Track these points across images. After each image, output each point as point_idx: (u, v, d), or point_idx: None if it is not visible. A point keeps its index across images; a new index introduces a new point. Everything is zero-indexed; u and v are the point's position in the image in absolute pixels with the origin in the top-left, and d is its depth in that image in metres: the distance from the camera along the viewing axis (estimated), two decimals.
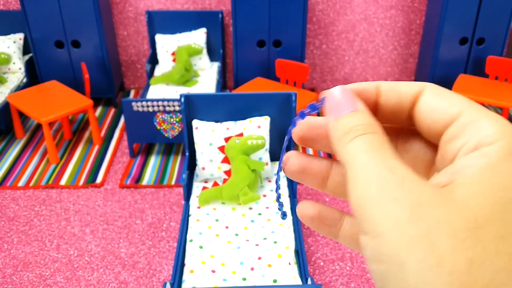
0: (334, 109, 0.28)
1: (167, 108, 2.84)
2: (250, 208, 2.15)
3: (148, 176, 2.90)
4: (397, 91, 0.28)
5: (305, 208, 0.31)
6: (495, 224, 0.21)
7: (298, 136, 0.31)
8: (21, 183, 2.85)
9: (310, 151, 2.77)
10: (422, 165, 0.29)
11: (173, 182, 2.85)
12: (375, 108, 0.29)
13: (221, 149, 2.19)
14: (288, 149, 0.32)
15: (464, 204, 0.21)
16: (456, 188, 0.22)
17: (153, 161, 3.04)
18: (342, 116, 0.27)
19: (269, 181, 2.32)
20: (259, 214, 2.12)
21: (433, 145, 0.29)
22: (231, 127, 2.24)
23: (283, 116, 2.33)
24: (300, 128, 0.31)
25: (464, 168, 0.23)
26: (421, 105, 0.27)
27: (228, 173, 2.19)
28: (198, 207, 2.17)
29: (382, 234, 0.21)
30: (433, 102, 0.26)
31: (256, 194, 2.12)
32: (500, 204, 0.21)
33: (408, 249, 0.21)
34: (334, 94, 0.28)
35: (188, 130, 2.33)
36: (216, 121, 2.30)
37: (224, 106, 2.31)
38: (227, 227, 2.04)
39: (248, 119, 2.28)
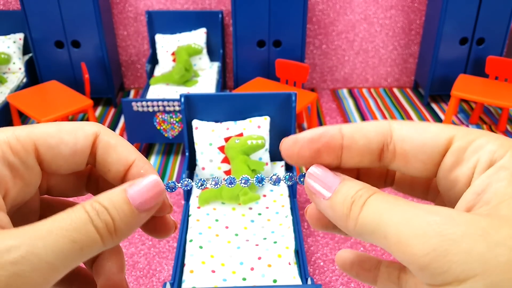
0: (321, 189, 0.26)
1: (167, 108, 2.84)
2: (250, 208, 2.15)
3: None
4: (363, 134, 0.26)
5: (345, 255, 0.31)
6: None
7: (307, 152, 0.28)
8: None
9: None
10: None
11: None
12: (339, 151, 0.27)
13: (221, 149, 2.19)
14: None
15: None
16: (497, 208, 0.22)
17: (153, 161, 3.04)
18: (335, 191, 0.25)
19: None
20: (259, 214, 2.12)
21: (403, 181, 0.29)
22: (231, 127, 2.24)
23: (283, 116, 2.33)
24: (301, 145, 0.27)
25: (489, 185, 0.23)
26: (401, 141, 0.26)
27: (228, 173, 2.19)
28: (198, 207, 2.17)
29: (472, 276, 0.20)
30: (416, 135, 0.25)
31: (256, 194, 2.12)
32: None
33: (508, 278, 0.20)
34: (313, 176, 0.27)
35: (188, 130, 2.33)
36: (216, 121, 2.30)
37: (224, 106, 2.31)
38: (227, 227, 2.04)
39: (248, 119, 2.28)
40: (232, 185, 0.31)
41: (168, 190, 0.29)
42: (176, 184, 0.30)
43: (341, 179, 0.26)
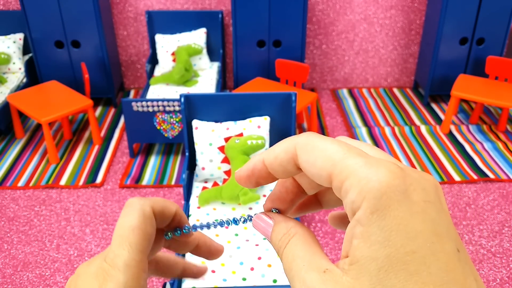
0: (263, 233, 0.33)
1: (167, 108, 2.84)
2: (250, 208, 2.15)
3: (148, 176, 2.90)
4: (278, 163, 0.30)
5: (332, 218, 0.36)
6: None
7: (245, 180, 0.33)
8: (21, 183, 2.85)
9: None
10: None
11: (173, 182, 2.85)
12: (271, 176, 0.32)
13: (221, 149, 2.19)
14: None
15: None
16: (348, 271, 0.25)
17: (153, 161, 3.04)
18: (270, 238, 0.32)
19: None
20: None
21: None
22: (231, 127, 2.24)
23: (283, 116, 2.33)
24: (244, 175, 0.33)
25: (352, 238, 0.25)
26: (303, 170, 0.29)
27: (228, 173, 2.19)
28: (198, 207, 2.17)
29: None
30: (307, 171, 0.28)
31: (256, 194, 2.12)
32: (374, 278, 0.23)
33: None
34: (255, 224, 0.34)
35: (188, 130, 2.33)
36: (216, 121, 2.30)
37: (224, 106, 2.31)
38: (227, 227, 2.04)
39: (248, 119, 2.28)
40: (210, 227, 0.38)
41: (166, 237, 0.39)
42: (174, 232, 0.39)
43: (271, 228, 0.32)
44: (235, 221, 0.37)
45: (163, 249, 0.41)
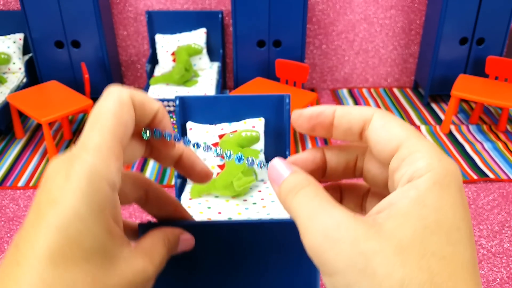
0: (275, 178, 0.32)
1: (167, 108, 2.85)
2: (245, 200, 2.14)
3: (148, 176, 2.89)
4: (348, 119, 0.31)
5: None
6: (416, 248, 0.24)
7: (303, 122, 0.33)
8: (21, 183, 2.86)
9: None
10: (382, 183, 0.32)
11: (173, 182, 2.85)
12: (330, 129, 0.32)
13: (215, 145, 2.19)
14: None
15: (390, 233, 0.25)
16: (386, 220, 0.26)
17: (153, 161, 3.05)
18: (283, 181, 0.31)
19: (264, 182, 2.31)
20: (254, 203, 2.11)
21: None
22: (226, 128, 2.24)
23: (278, 118, 2.33)
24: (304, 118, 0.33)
25: (399, 200, 0.26)
26: (369, 134, 0.30)
27: (221, 167, 2.18)
28: (190, 198, 2.15)
29: (335, 273, 0.25)
30: (378, 134, 0.29)
31: (250, 177, 2.09)
32: (418, 231, 0.25)
33: (357, 281, 0.24)
34: (273, 166, 0.32)
35: (183, 132, 2.33)
36: (211, 124, 2.30)
37: (218, 108, 2.30)
38: (219, 213, 2.03)
39: (242, 121, 2.28)
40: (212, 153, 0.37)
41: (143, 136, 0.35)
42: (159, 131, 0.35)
43: (291, 172, 0.31)
44: (239, 159, 0.35)
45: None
